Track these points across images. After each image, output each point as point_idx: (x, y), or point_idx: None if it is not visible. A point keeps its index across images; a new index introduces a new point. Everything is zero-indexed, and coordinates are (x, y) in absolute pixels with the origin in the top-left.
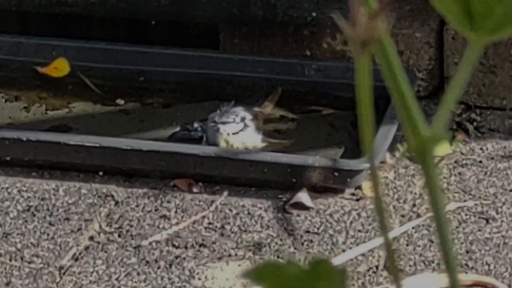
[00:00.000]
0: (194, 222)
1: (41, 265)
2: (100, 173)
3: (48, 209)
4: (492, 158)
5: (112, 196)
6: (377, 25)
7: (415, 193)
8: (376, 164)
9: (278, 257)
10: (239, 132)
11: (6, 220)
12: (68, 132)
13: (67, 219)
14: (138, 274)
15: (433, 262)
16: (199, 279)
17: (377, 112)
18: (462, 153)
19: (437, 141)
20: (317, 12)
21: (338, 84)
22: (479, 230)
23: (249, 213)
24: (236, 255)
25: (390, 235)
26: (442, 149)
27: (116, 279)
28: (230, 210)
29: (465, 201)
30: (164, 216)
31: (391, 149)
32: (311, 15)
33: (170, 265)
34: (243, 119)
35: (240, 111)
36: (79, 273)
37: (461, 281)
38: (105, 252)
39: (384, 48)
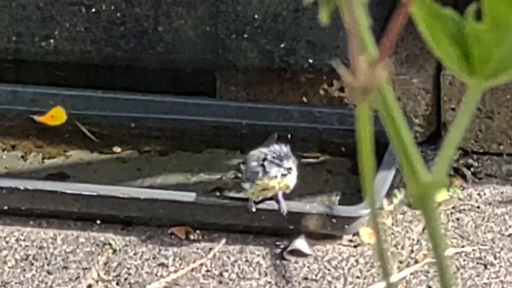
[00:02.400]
0: (192, 270)
1: None
2: (98, 222)
3: (46, 258)
4: (490, 204)
5: (110, 244)
6: (377, 73)
7: (413, 239)
8: (370, 210)
9: None
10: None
11: (4, 269)
12: (65, 181)
13: (65, 267)
14: None
15: None
16: None
17: (375, 158)
18: (459, 199)
19: (437, 188)
20: (314, 59)
21: (335, 130)
22: (477, 276)
23: (247, 260)
24: None
25: (391, 281)
26: (440, 194)
27: None
28: (228, 257)
29: (463, 246)
30: (162, 264)
31: (389, 195)
32: (307, 62)
33: None
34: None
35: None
36: None
37: None
38: None
39: (384, 96)
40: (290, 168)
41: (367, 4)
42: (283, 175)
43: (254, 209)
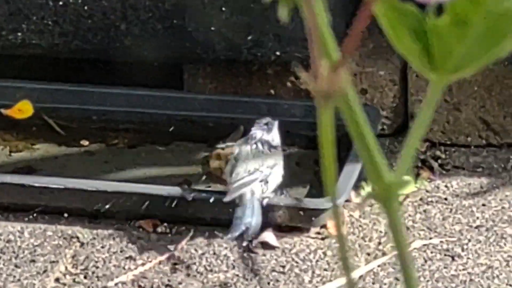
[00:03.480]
0: (159, 263)
1: None
2: (65, 215)
3: (13, 251)
4: (457, 195)
5: (78, 237)
6: (339, 77)
7: (381, 231)
8: (341, 203)
9: None
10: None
11: None
12: (33, 174)
13: (33, 261)
14: None
15: None
16: None
17: (342, 151)
18: (427, 191)
19: (399, 188)
20: (281, 51)
21: (303, 123)
22: (445, 268)
23: (214, 253)
24: None
25: (354, 274)
26: (407, 187)
27: None
28: (196, 250)
29: (430, 238)
30: (129, 257)
31: (356, 187)
32: (275, 54)
33: None
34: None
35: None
36: None
37: None
38: None
39: (347, 98)
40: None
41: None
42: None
43: (226, 199)
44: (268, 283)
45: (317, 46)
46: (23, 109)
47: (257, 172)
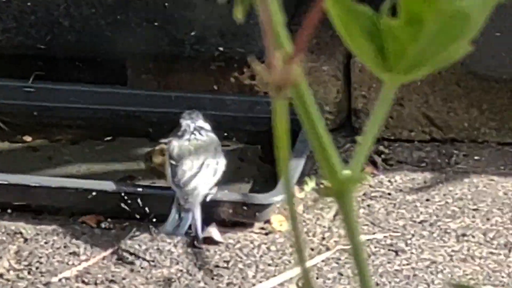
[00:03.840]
0: (103, 258)
1: None
2: (9, 211)
3: None
4: (401, 190)
5: (21, 233)
6: (293, 69)
7: (324, 226)
8: (284, 198)
9: None
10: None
11: None
12: None
13: None
14: None
15: None
16: None
17: None
18: (370, 186)
19: (354, 183)
20: (224, 47)
21: (247, 118)
22: (388, 263)
23: (158, 249)
24: None
25: (307, 266)
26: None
27: None
28: (140, 245)
29: (374, 233)
30: (73, 253)
31: (300, 182)
32: (218, 50)
33: None
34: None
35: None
36: None
37: None
38: None
39: (300, 92)
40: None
41: None
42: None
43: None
44: (212, 278)
45: (271, 40)
46: None
47: (204, 166)
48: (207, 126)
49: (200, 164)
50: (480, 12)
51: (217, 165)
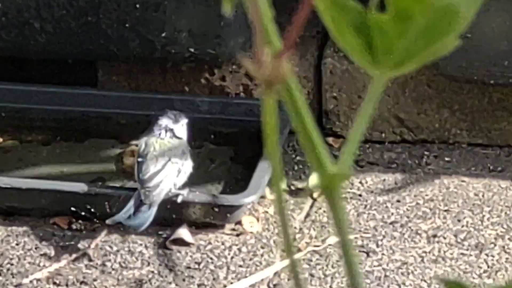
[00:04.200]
0: (74, 260)
1: None
2: None
3: None
4: (372, 192)
5: None
6: (282, 65)
7: (295, 228)
8: (256, 199)
9: None
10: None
11: None
12: None
13: None
14: None
15: None
16: None
17: (256, 148)
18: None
19: (342, 178)
20: (195, 48)
21: (217, 120)
22: (360, 264)
23: (129, 250)
24: None
25: (269, 271)
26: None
27: None
28: (111, 247)
29: None
30: (44, 254)
31: (271, 183)
32: (189, 51)
33: None
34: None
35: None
36: None
37: None
38: None
39: (290, 88)
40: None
41: None
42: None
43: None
44: (183, 280)
45: (260, 36)
46: None
47: (169, 164)
48: (180, 132)
49: (164, 162)
50: (468, 7)
51: (182, 166)
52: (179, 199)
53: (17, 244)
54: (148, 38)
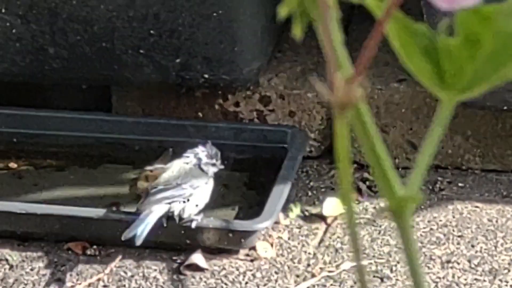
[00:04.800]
0: (89, 285)
1: None
2: None
3: None
4: (386, 217)
5: (7, 260)
6: (354, 89)
7: (309, 253)
8: (270, 224)
9: None
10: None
11: None
12: None
13: None
14: None
15: None
16: None
17: (270, 173)
18: (355, 212)
19: (412, 202)
20: (209, 74)
21: (231, 145)
22: None
23: (144, 275)
24: None
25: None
26: (335, 208)
27: None
28: (125, 272)
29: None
30: (59, 280)
31: (285, 209)
32: (203, 77)
33: None
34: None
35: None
36: None
37: None
38: None
39: (360, 112)
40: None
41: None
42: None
43: (165, 224)
44: None
45: (332, 60)
46: None
47: (178, 187)
48: (206, 165)
49: (174, 185)
50: None
51: (191, 196)
52: (193, 225)
53: (31, 270)
54: (162, 64)
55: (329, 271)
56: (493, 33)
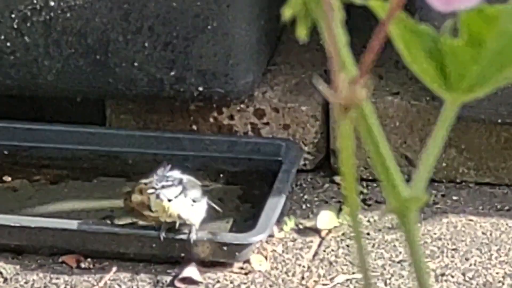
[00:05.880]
0: None
1: None
2: None
3: None
4: (380, 230)
5: (1, 273)
6: (358, 90)
7: (304, 266)
8: (264, 238)
9: None
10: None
11: None
12: None
13: None
14: None
15: None
16: None
17: (264, 186)
18: (349, 226)
19: (416, 202)
20: (204, 87)
21: (225, 159)
22: None
23: None
24: None
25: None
26: (329, 222)
27: None
28: (119, 285)
29: (353, 273)
30: None
31: (279, 222)
32: (197, 90)
33: None
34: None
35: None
36: None
37: None
38: None
39: (364, 113)
40: (170, 200)
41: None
42: (159, 198)
43: (161, 237)
44: None
45: (336, 62)
46: None
47: (199, 203)
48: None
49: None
50: None
51: (195, 203)
52: (192, 235)
53: (26, 283)
54: (156, 77)
55: (323, 284)
56: (497, 34)
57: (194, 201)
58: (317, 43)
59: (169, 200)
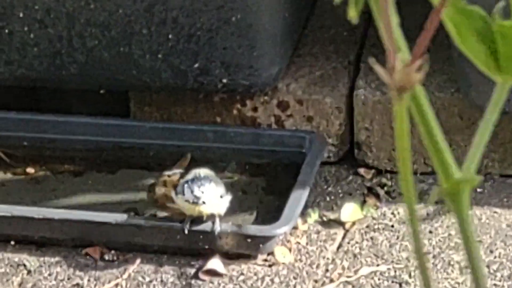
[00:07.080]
0: None
1: None
2: (12, 243)
3: None
4: (404, 222)
5: (25, 265)
6: (412, 72)
7: (328, 258)
8: (288, 230)
9: None
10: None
11: None
12: None
13: None
14: None
15: None
16: None
17: (288, 178)
18: (373, 218)
19: (468, 184)
20: (228, 79)
21: (249, 151)
22: None
23: (162, 281)
24: None
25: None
26: (353, 214)
27: None
28: (143, 277)
29: (378, 265)
30: (77, 285)
31: (303, 214)
32: (221, 82)
33: None
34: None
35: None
36: None
37: None
38: None
39: (417, 95)
40: (198, 197)
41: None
42: (194, 202)
43: (186, 230)
44: None
45: (391, 43)
46: None
47: (225, 197)
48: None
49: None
50: None
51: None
52: (217, 227)
53: (49, 275)
54: (180, 69)
55: (348, 277)
56: None
57: (221, 196)
58: (342, 34)
59: (204, 203)
